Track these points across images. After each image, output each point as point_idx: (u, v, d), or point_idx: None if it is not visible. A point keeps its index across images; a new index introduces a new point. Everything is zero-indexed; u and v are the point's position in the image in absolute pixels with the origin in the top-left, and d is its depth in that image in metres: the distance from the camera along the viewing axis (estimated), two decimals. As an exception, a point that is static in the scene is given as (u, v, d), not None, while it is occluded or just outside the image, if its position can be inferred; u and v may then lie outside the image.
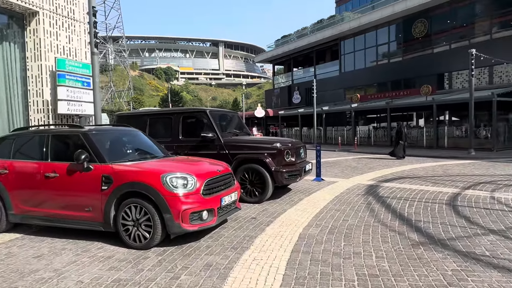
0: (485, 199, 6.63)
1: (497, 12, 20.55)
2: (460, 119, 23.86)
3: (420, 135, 20.06)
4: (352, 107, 23.76)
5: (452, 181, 8.84)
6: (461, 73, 21.84)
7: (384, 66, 26.87)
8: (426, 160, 14.02)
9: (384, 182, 8.87)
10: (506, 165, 11.61)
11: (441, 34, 23.35)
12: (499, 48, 18.84)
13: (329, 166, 12.43)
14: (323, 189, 8.01)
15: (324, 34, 30.99)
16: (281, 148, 6.64)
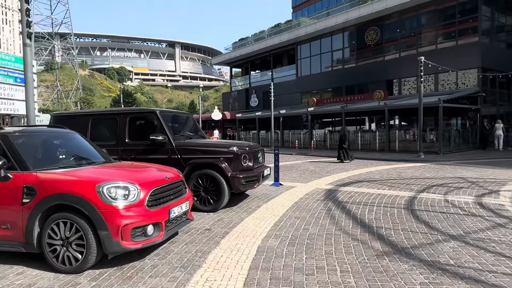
0: (440, 203, 6.68)
1: (440, 24, 21.85)
2: (409, 124, 25.06)
3: (372, 138, 20.67)
4: (309, 111, 24.00)
5: (406, 184, 8.95)
6: (409, 80, 22.92)
7: (339, 71, 27.55)
8: (380, 163, 14.33)
9: (342, 186, 8.76)
10: (453, 168, 12.13)
11: (391, 43, 24.38)
12: (443, 57, 19.99)
13: (287, 170, 12.22)
14: (282, 195, 7.69)
15: (281, 38, 31.18)
16: (238, 152, 6.21)
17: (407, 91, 23.09)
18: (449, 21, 21.38)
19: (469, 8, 20.47)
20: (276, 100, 25.88)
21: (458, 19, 20.79)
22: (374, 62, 25.08)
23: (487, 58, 19.82)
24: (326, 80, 28.47)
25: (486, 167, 12.16)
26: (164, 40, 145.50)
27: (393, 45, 24.27)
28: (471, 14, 20.27)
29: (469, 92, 19.18)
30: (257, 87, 35.40)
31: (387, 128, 19.61)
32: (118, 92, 72.65)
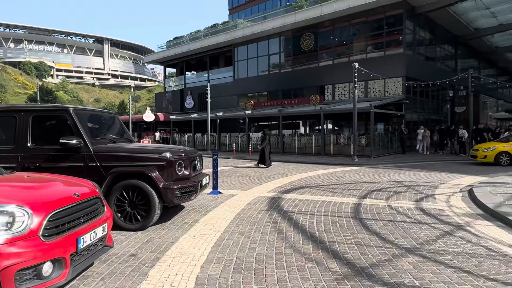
0: (385, 209, 6.52)
1: (370, 34, 23.04)
2: (341, 128, 26.02)
3: (308, 142, 20.93)
4: (246, 113, 23.59)
5: (348, 189, 8.80)
6: (341, 86, 23.77)
7: (276, 75, 27.65)
8: (318, 167, 14.33)
9: (285, 193, 8.30)
10: (386, 171, 12.51)
11: (325, 50, 25.11)
12: (372, 66, 20.94)
13: (225, 176, 11.48)
14: (222, 205, 6.93)
15: (218, 39, 30.43)
16: (172, 159, 5.31)
17: (338, 96, 23.92)
18: (378, 33, 22.63)
19: (395, 22, 21.85)
20: (213, 102, 25.03)
21: (386, 31, 22.09)
22: (309, 67, 25.61)
23: (411, 68, 21.32)
24: (263, 84, 28.41)
25: (414, 170, 12.75)
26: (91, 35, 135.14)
27: (327, 52, 25.02)
28: (397, 28, 21.65)
29: (396, 99, 20.41)
30: (193, 88, 34.15)
31: (323, 132, 19.97)
32: (35, 89, 65.24)
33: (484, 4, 22.49)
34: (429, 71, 23.51)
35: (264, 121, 28.60)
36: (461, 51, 29.70)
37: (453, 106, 27.93)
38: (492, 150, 14.28)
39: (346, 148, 19.37)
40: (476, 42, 30.01)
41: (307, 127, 28.36)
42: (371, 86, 22.42)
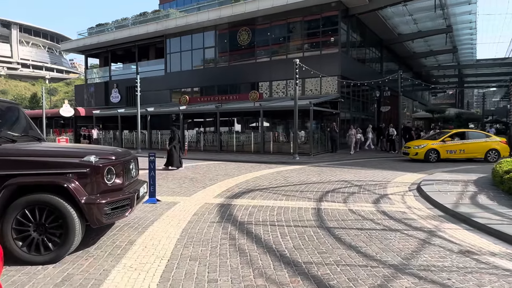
0: (348, 214, 5.96)
1: (307, 34, 23.06)
2: (280, 126, 25.84)
3: (247, 140, 20.23)
4: (181, 109, 22.03)
5: (300, 191, 8.17)
6: (279, 83, 23.54)
7: (211, 70, 26.41)
8: (261, 166, 13.63)
9: (235, 198, 7.34)
10: (330, 170, 12.29)
11: (263, 47, 24.58)
12: (309, 64, 20.85)
13: (162, 179, 10.12)
14: (163, 218, 5.72)
15: (148, 28, 28.09)
16: (99, 164, 4.00)
17: (276, 93, 23.65)
18: (314, 31, 22.77)
19: (330, 23, 22.16)
20: (143, 97, 22.94)
21: (322, 30, 22.31)
22: (246, 63, 24.92)
23: (345, 68, 21.84)
24: (198, 78, 26.97)
25: (356, 168, 12.76)
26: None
27: (264, 49, 24.55)
28: (333, 27, 21.99)
29: (332, 97, 20.71)
30: (120, 81, 31.23)
31: (262, 129, 19.41)
32: None
33: (408, 11, 24.07)
34: (360, 72, 24.45)
35: (200, 117, 27.28)
36: (386, 55, 31.68)
37: (379, 106, 29.70)
38: (423, 147, 15.03)
39: (286, 146, 19.06)
40: (398, 46, 32.29)
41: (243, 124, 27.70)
42: (308, 85, 22.51)
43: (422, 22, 26.78)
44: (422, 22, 26.73)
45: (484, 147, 14.92)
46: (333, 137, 19.65)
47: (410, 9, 23.59)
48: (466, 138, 15.15)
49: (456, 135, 15.36)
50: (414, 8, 23.43)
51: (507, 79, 48.81)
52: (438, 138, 15.41)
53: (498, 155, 14.84)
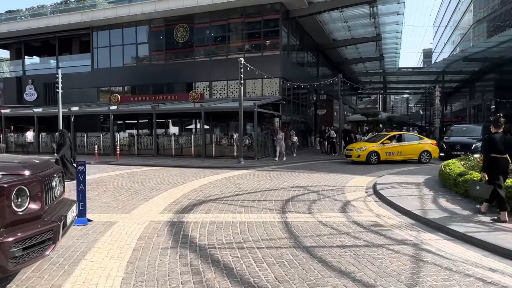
0: (320, 228, 5.31)
1: (248, 35, 22.45)
2: (221, 128, 24.88)
3: (187, 143, 18.91)
4: (111, 109, 19.83)
5: (257, 201, 7.37)
6: (219, 83, 22.58)
7: (145, 68, 24.43)
8: (206, 172, 12.55)
9: (186, 213, 6.26)
10: (280, 174, 11.73)
11: (202, 47, 23.37)
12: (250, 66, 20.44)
13: (92, 190, 8.53)
14: (98, 246, 4.46)
15: (71, 18, 25.05)
16: (2, 184, 2.73)
17: (219, 94, 22.68)
18: (256, 33, 22.28)
19: (272, 25, 21.85)
20: (65, 95, 20.23)
21: (263, 32, 21.89)
22: (185, 62, 23.51)
23: (286, 70, 21.70)
24: (130, 76, 24.77)
25: (305, 172, 12.39)
26: None
27: (204, 49, 23.38)
28: (274, 31, 21.70)
29: (275, 98, 20.39)
30: (36, 77, 27.45)
31: (203, 132, 18.26)
32: None
33: (344, 17, 24.89)
34: (299, 75, 24.55)
35: (133, 118, 25.12)
36: (321, 59, 32.61)
37: (316, 109, 30.41)
38: (364, 150, 15.32)
39: (229, 149, 18.17)
40: (332, 52, 33.51)
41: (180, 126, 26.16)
42: (249, 87, 21.89)
43: (355, 29, 27.97)
44: (355, 29, 27.92)
45: (418, 149, 15.72)
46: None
47: (346, 15, 24.39)
48: (403, 141, 15.82)
49: (394, 138, 15.98)
50: (349, 15, 24.27)
51: (422, 87, 54.08)
52: (377, 141, 15.85)
53: (430, 156, 15.75)
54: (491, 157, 5.63)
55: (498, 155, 5.58)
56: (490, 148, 5.64)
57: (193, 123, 26.19)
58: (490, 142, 5.66)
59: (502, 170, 5.61)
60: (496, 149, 5.58)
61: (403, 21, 27.42)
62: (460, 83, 49.93)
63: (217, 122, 25.37)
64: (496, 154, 5.59)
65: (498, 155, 5.58)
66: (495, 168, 5.61)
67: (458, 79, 47.55)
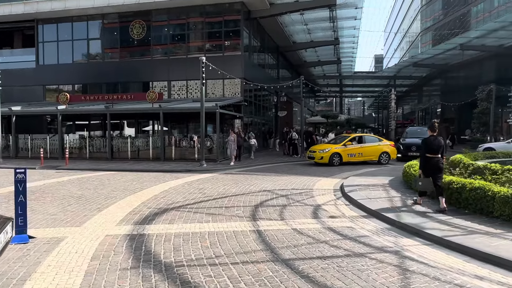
0: (295, 237, 4.96)
1: (209, 34, 21.82)
2: (180, 129, 23.96)
3: (145, 145, 17.89)
4: (59, 109, 18.22)
5: (225, 207, 6.90)
6: (178, 83, 21.72)
7: (98, 65, 22.89)
8: (167, 176, 11.80)
9: (147, 224, 5.63)
10: (244, 177, 11.32)
11: (161, 45, 22.36)
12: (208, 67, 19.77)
13: (35, 200, 7.54)
14: (40, 270, 3.73)
15: (12, 9, 22.80)
16: None
17: (177, 95, 21.79)
18: (217, 33, 21.70)
19: (233, 25, 21.41)
20: (5, 93, 18.31)
21: (225, 31, 21.38)
22: (142, 60, 22.37)
23: (247, 71, 21.36)
24: (81, 74, 23.06)
25: (270, 175, 12.10)
26: None
27: (162, 47, 22.38)
28: (235, 31, 21.28)
29: (237, 99, 19.96)
30: (-30, 72, 24.66)
31: (162, 133, 17.35)
32: None
33: (304, 20, 25.12)
34: (260, 77, 24.34)
35: (84, 119, 23.41)
36: (282, 62, 32.74)
37: (277, 110, 30.44)
38: (327, 151, 15.37)
39: (189, 152, 17.46)
40: (292, 54, 33.80)
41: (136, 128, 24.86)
42: (210, 87, 21.23)
43: (314, 33, 28.39)
44: (314, 32, 28.33)
45: (378, 150, 16.09)
46: (238, 142, 18.39)
47: (306, 18, 24.62)
48: (363, 142, 16.10)
49: (354, 139, 16.21)
50: (309, 17, 24.52)
51: (375, 90, 56.57)
52: (339, 143, 16.00)
53: (389, 157, 16.18)
54: (425, 156, 6.46)
55: (431, 155, 6.37)
56: (426, 149, 6.45)
57: (151, 125, 25.04)
58: (426, 144, 6.48)
59: (435, 167, 6.35)
60: (430, 149, 6.38)
61: (360, 26, 28.34)
62: (409, 87, 52.89)
63: (176, 123, 24.42)
64: (430, 154, 6.38)
65: (431, 155, 6.37)
66: (428, 166, 6.41)
67: (408, 83, 50.28)
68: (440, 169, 6.41)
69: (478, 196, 5.82)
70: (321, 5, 21.69)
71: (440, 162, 6.40)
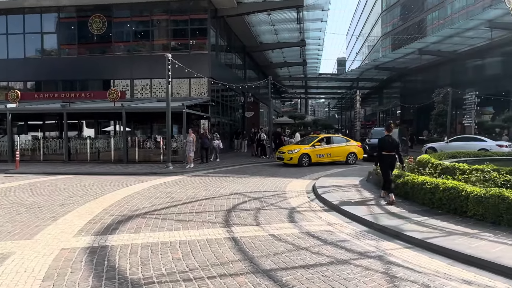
0: (275, 244, 4.67)
1: (174, 29, 21.09)
2: (142, 130, 22.98)
3: (106, 147, 16.86)
4: (9, 108, 16.69)
5: (196, 213, 6.47)
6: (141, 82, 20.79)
7: (53, 61, 21.36)
8: (130, 179, 11.08)
9: (109, 234, 5.08)
10: (214, 180, 10.89)
11: (123, 42, 21.31)
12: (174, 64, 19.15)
13: (-23, 209, 6.67)
14: (-20, 295, 3.16)
15: (-48, -3, 20.74)
16: None
17: (140, 94, 20.85)
18: (183, 31, 21.00)
19: (200, 24, 20.84)
20: None
21: (191, 29, 20.74)
22: (103, 57, 21.17)
23: (215, 70, 20.87)
24: (34, 70, 21.43)
25: (239, 176, 11.77)
26: None
27: (125, 44, 21.32)
28: (202, 30, 20.69)
29: (204, 99, 19.41)
30: None
31: (125, 134, 16.43)
32: None
33: (272, 21, 25.04)
34: (228, 76, 23.92)
35: (37, 119, 21.75)
36: (248, 62, 32.51)
37: (243, 111, 30.16)
38: (296, 152, 15.29)
39: (154, 154, 16.69)
40: (259, 55, 33.68)
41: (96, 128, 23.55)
42: (176, 87, 20.51)
43: (281, 34, 28.43)
44: (281, 33, 28.38)
45: (346, 150, 16.25)
46: (204, 144, 16.80)
47: (273, 19, 24.55)
48: (332, 143, 16.20)
49: (323, 140, 16.27)
50: (276, 18, 24.46)
51: (338, 92, 58.00)
52: (308, 143, 15.98)
53: (356, 158, 16.41)
54: (381, 154, 7.09)
55: (387, 152, 7.02)
56: (381, 147, 7.11)
57: (112, 125, 23.80)
58: (382, 142, 7.13)
59: (389, 164, 7.03)
60: (385, 147, 7.03)
61: (326, 28, 28.75)
62: (371, 89, 54.72)
63: (139, 124, 23.39)
64: (385, 151, 7.03)
65: (386, 153, 7.02)
66: (383, 162, 7.08)
67: (369, 85, 51.97)
68: (392, 166, 7.11)
69: (451, 196, 5.86)
70: (288, 6, 21.69)
71: (394, 159, 7.05)
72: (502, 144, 18.04)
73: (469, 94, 22.06)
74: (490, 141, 18.34)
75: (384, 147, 7.03)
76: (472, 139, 18.92)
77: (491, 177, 6.22)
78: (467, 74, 31.23)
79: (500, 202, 5.12)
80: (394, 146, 7.01)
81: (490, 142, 18.25)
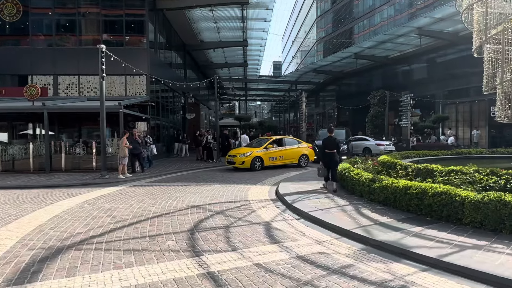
0: (263, 277, 3.60)
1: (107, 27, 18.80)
2: (65, 133, 20.06)
3: (23, 153, 14.14)
4: None
5: (151, 237, 5.11)
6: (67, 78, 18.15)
7: (-49, 51, 17.69)
8: (56, 193, 9.08)
9: (28, 283, 3.54)
10: (161, 190, 9.42)
11: (43, 35, 18.44)
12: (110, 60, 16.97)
13: None
14: None
15: None
16: None
17: (66, 91, 18.18)
18: (116, 24, 18.81)
19: (137, 20, 18.82)
20: None
21: (126, 21, 18.64)
22: (18, 49, 18.10)
23: (153, 69, 18.99)
24: None
25: (189, 185, 10.44)
26: None
27: (45, 36, 18.44)
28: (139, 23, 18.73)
29: (143, 99, 17.52)
30: None
31: (47, 138, 13.95)
32: None
33: (214, 18, 23.83)
34: (167, 75, 22.08)
35: None
36: (188, 61, 30.84)
37: (184, 112, 28.43)
38: (248, 155, 14.34)
39: (85, 161, 14.43)
40: (199, 54, 32.19)
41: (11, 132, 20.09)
42: (109, 86, 18.22)
43: (223, 32, 27.33)
44: (223, 31, 27.28)
45: (298, 153, 15.74)
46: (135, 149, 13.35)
47: (216, 15, 23.37)
48: (284, 145, 15.57)
49: (275, 142, 15.57)
50: (219, 15, 23.33)
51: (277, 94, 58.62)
52: (259, 146, 15.15)
53: (308, 160, 16.00)
54: (324, 152, 8.78)
55: (329, 150, 8.66)
56: (324, 146, 8.80)
57: (31, 128, 20.49)
58: (325, 142, 8.83)
59: (332, 160, 8.58)
60: (327, 146, 8.69)
61: (269, 28, 28.38)
62: (308, 92, 56.24)
63: (65, 127, 20.39)
64: (328, 150, 8.67)
65: (328, 151, 8.66)
66: (326, 159, 8.71)
67: (307, 88, 53.31)
68: (336, 162, 8.63)
69: (444, 202, 5.34)
70: (233, 2, 20.71)
71: (336, 156, 8.62)
72: (381, 143, 21.27)
73: (405, 96, 23.18)
74: (372, 141, 22.05)
75: (327, 146, 8.69)
76: (361, 139, 22.51)
77: (476, 180, 5.86)
78: (398, 78, 33.27)
79: (502, 207, 4.68)
80: (335, 145, 8.63)
81: (372, 141, 21.88)
